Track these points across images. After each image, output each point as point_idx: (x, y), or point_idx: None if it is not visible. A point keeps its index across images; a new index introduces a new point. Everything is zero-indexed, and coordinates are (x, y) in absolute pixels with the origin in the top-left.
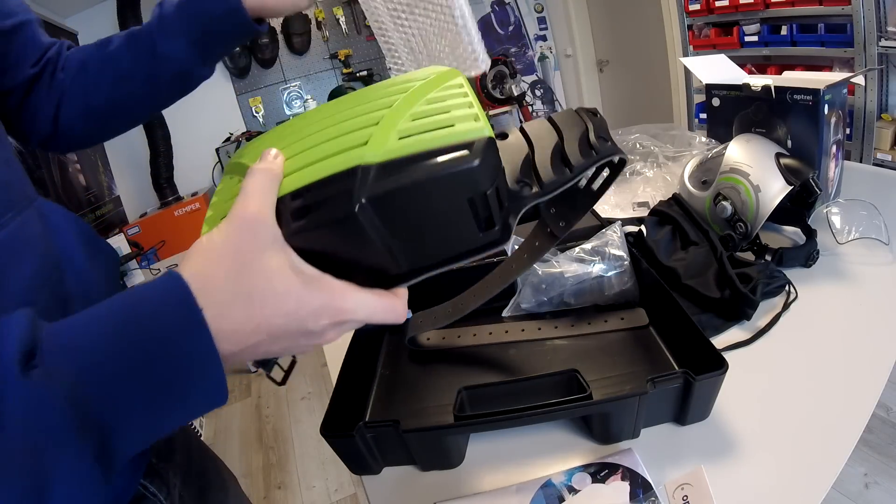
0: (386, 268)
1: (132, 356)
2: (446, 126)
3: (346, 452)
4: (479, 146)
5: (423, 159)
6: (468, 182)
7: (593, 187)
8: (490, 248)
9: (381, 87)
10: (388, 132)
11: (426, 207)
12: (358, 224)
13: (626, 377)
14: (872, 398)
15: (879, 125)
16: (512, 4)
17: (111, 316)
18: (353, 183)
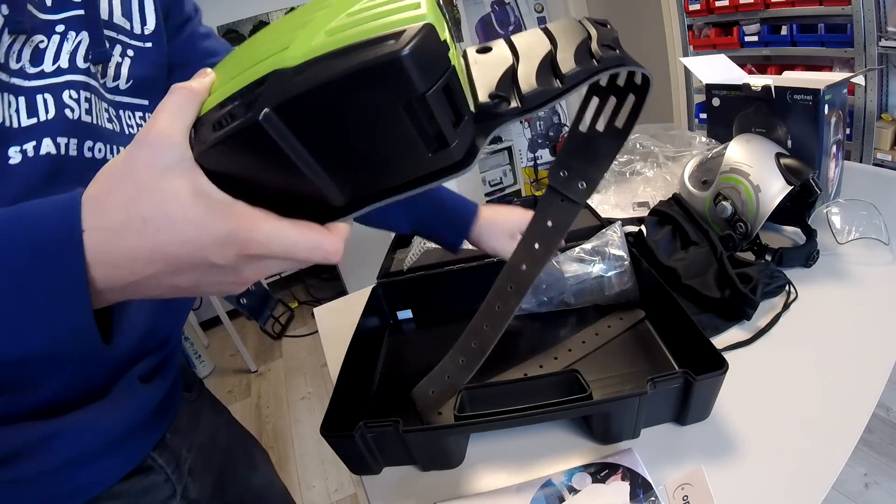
0: (312, 195)
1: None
2: (376, 18)
3: (346, 452)
4: (412, 33)
5: (341, 55)
6: (396, 79)
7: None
8: (447, 173)
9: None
10: (314, 33)
11: (352, 117)
12: (265, 137)
13: (626, 377)
14: (872, 398)
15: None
16: (512, 4)
17: (2, 214)
18: (261, 90)
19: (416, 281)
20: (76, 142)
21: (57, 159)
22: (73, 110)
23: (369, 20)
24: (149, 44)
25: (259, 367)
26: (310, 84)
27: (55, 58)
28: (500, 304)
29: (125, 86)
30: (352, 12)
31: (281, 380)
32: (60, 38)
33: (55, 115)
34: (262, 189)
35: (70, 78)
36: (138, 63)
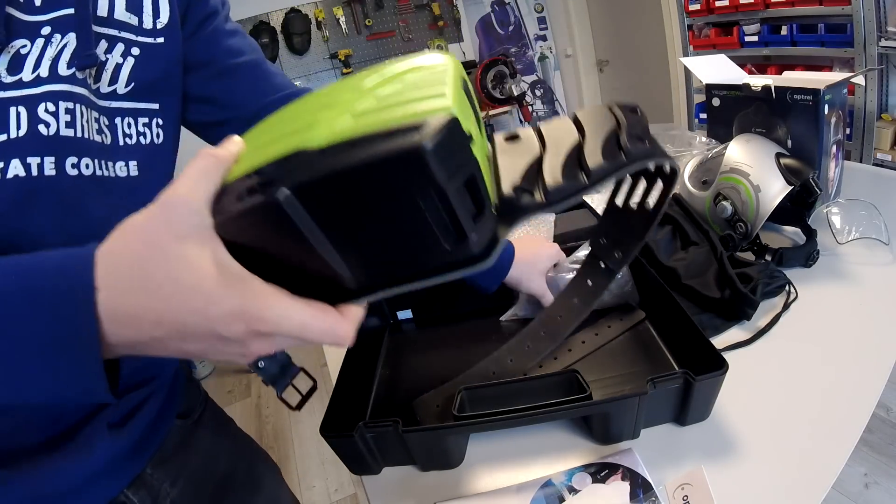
0: (326, 276)
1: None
2: (402, 104)
3: (345, 452)
4: (435, 126)
5: (363, 143)
6: (416, 172)
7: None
8: (464, 266)
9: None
10: (340, 114)
11: (370, 206)
12: (283, 216)
13: (626, 377)
14: (872, 398)
15: (879, 125)
16: (512, 4)
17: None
18: (284, 168)
19: None
20: (53, 160)
21: (27, 182)
22: (48, 125)
23: (395, 106)
24: (160, 39)
25: None
26: (330, 169)
27: (35, 65)
28: (531, 343)
29: (124, 90)
30: (381, 96)
31: None
32: (44, 43)
33: (27, 132)
34: (277, 265)
35: (49, 88)
36: (145, 62)
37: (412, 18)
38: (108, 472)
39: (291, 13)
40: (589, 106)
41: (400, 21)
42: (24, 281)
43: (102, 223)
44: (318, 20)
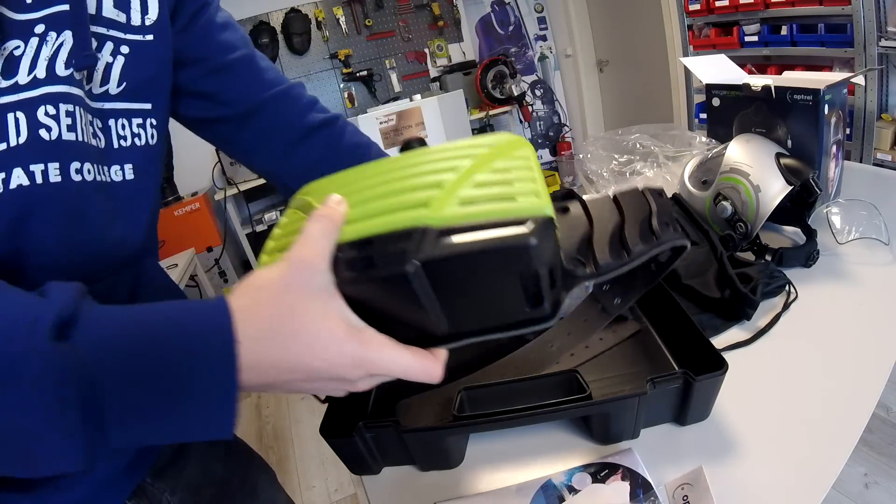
0: (428, 328)
1: (156, 368)
2: (507, 199)
3: (345, 453)
4: (538, 226)
5: (480, 230)
6: (522, 260)
7: (653, 266)
8: (535, 323)
9: (450, 149)
10: (450, 196)
11: (477, 277)
12: (408, 284)
13: (625, 377)
14: (872, 398)
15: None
16: (512, 4)
17: (152, 321)
18: (410, 244)
19: None
20: (58, 166)
21: (31, 191)
22: (49, 130)
23: (499, 200)
24: (149, 36)
25: None
26: (454, 250)
27: (31, 66)
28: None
29: (116, 90)
30: (480, 182)
31: None
32: (39, 42)
33: (27, 138)
34: (385, 315)
35: (47, 90)
36: (135, 61)
37: (412, 18)
38: (111, 485)
39: (291, 13)
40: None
41: (400, 21)
42: (167, 335)
43: (102, 231)
44: (318, 20)
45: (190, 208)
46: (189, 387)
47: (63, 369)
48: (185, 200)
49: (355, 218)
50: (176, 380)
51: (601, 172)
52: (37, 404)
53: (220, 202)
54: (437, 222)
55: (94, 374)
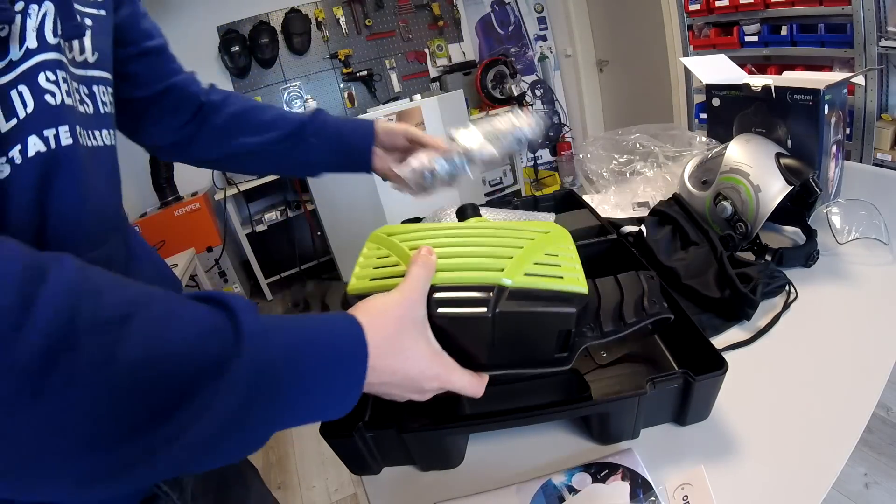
0: (480, 358)
1: (311, 365)
2: (557, 277)
3: (345, 453)
4: (579, 300)
5: (540, 296)
6: (565, 322)
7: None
8: (555, 365)
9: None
10: (518, 267)
11: (530, 329)
12: (484, 327)
13: (625, 377)
14: (872, 398)
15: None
16: (512, 4)
17: (302, 329)
18: (491, 296)
19: None
20: (67, 129)
21: (48, 157)
22: (53, 95)
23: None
24: (102, 11)
25: None
26: (520, 309)
27: (21, 41)
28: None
29: (93, 58)
30: (538, 261)
31: None
32: (22, 18)
33: (34, 107)
34: (455, 345)
35: (43, 58)
36: (98, 32)
37: (412, 18)
38: None
39: (291, 13)
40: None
41: (400, 21)
42: (312, 344)
43: (102, 195)
44: (318, 20)
45: (190, 208)
46: (332, 379)
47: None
48: (185, 200)
49: (446, 267)
50: (325, 374)
51: (601, 172)
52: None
53: (220, 202)
54: (510, 284)
55: (276, 371)
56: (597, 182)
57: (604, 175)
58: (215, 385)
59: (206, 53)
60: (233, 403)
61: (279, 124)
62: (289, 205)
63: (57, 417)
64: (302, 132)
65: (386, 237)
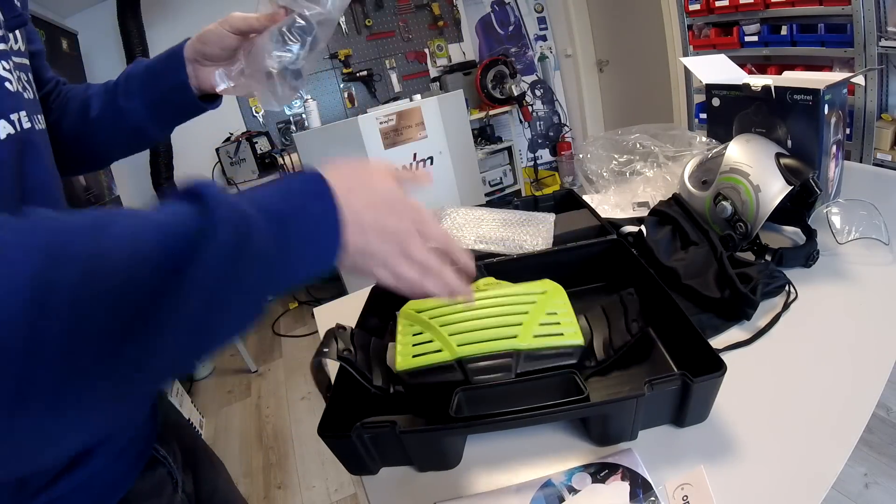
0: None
1: (280, 213)
2: (558, 335)
3: (343, 453)
4: (577, 352)
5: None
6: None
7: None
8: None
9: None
10: (528, 331)
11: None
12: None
13: (623, 379)
14: (872, 398)
15: (879, 125)
16: (512, 4)
17: (263, 188)
18: (513, 360)
19: None
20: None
21: (17, 138)
22: (10, 82)
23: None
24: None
25: (259, 367)
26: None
27: None
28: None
29: (24, 47)
30: (543, 322)
31: (281, 380)
32: None
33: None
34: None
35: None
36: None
37: (412, 18)
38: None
39: None
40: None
41: (400, 21)
42: (287, 201)
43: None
44: None
45: None
46: (305, 223)
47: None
48: None
49: (468, 340)
50: (296, 221)
51: (601, 172)
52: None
53: None
54: (524, 347)
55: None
56: (597, 182)
57: (604, 175)
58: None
59: None
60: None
61: (93, 99)
62: None
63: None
64: (113, 98)
65: (415, 314)
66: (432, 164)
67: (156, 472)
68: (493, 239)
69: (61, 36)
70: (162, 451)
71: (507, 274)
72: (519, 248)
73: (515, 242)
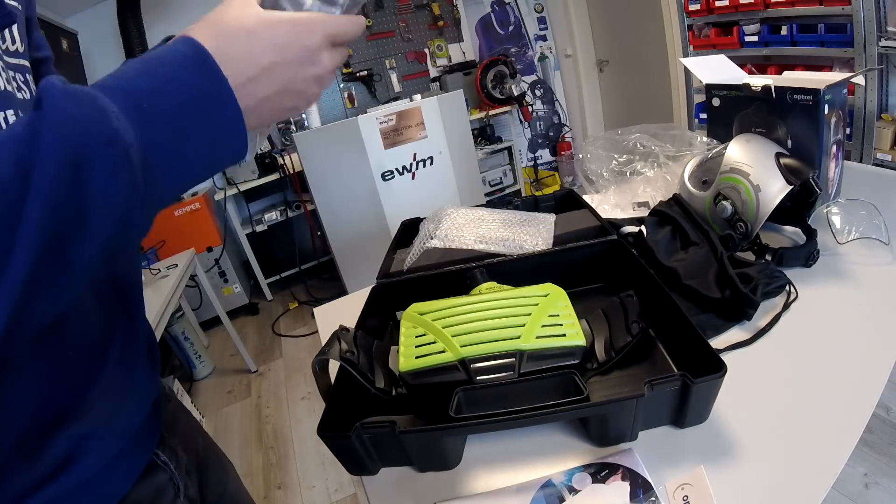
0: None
1: (161, 90)
2: (560, 336)
3: (343, 453)
4: (579, 352)
5: (551, 353)
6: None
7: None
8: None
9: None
10: (531, 332)
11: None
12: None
13: (623, 379)
14: (872, 398)
15: (879, 125)
16: (512, 4)
17: (137, 64)
18: (516, 360)
19: (415, 281)
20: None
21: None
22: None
23: (556, 336)
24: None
25: (259, 367)
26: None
27: None
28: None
29: (22, 48)
30: (545, 324)
31: (281, 380)
32: None
33: None
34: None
35: None
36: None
37: (412, 18)
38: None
39: None
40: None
41: (400, 21)
42: (160, 72)
43: None
44: None
45: (190, 208)
46: (194, 97)
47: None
48: (185, 200)
49: (475, 340)
50: (182, 94)
51: (601, 172)
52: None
53: (220, 202)
54: (527, 348)
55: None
56: (597, 182)
57: (604, 175)
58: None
59: None
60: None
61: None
62: (289, 205)
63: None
64: None
65: (419, 316)
66: (432, 164)
67: (156, 478)
68: (493, 239)
69: (61, 36)
70: (163, 456)
71: (508, 274)
72: (519, 249)
73: (515, 243)
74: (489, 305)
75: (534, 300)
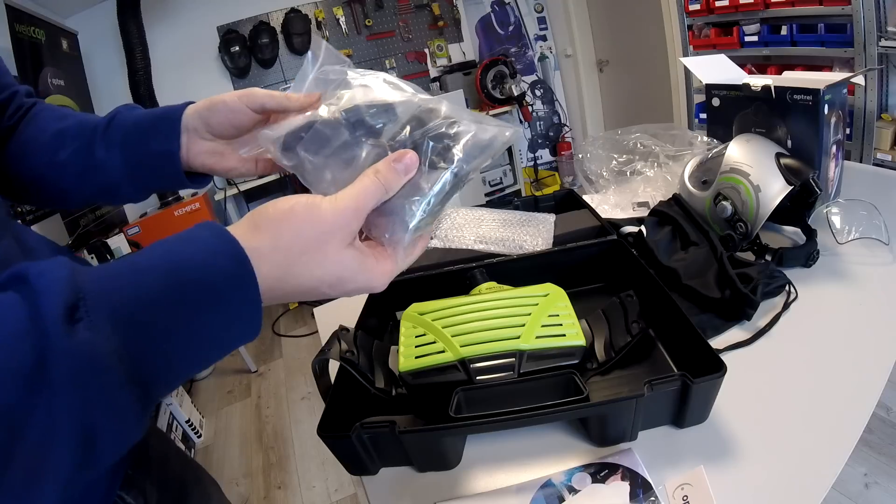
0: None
1: (180, 310)
2: (560, 336)
3: (343, 453)
4: (579, 352)
5: (550, 353)
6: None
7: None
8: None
9: (519, 297)
10: (531, 332)
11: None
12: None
13: (623, 379)
14: (872, 398)
15: (879, 125)
16: (512, 4)
17: (155, 266)
18: (516, 360)
19: (415, 281)
20: None
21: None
22: None
23: (555, 336)
24: None
25: (259, 367)
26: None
27: None
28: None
29: None
30: (545, 324)
31: (281, 380)
32: None
33: None
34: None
35: None
36: None
37: (412, 18)
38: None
39: (291, 13)
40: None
41: (400, 21)
42: (182, 286)
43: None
44: (318, 20)
45: (190, 208)
46: (220, 317)
47: (93, 358)
48: (185, 200)
49: (471, 341)
50: (205, 316)
51: (601, 172)
52: (84, 401)
53: (220, 202)
54: (527, 348)
55: (125, 348)
56: (597, 182)
57: (604, 175)
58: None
59: (207, 54)
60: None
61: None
62: None
63: None
64: (90, 144)
65: (419, 316)
66: None
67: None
68: (493, 239)
69: (61, 36)
70: (128, 497)
71: (508, 274)
72: (519, 249)
73: (515, 243)
74: (489, 305)
75: (534, 300)
